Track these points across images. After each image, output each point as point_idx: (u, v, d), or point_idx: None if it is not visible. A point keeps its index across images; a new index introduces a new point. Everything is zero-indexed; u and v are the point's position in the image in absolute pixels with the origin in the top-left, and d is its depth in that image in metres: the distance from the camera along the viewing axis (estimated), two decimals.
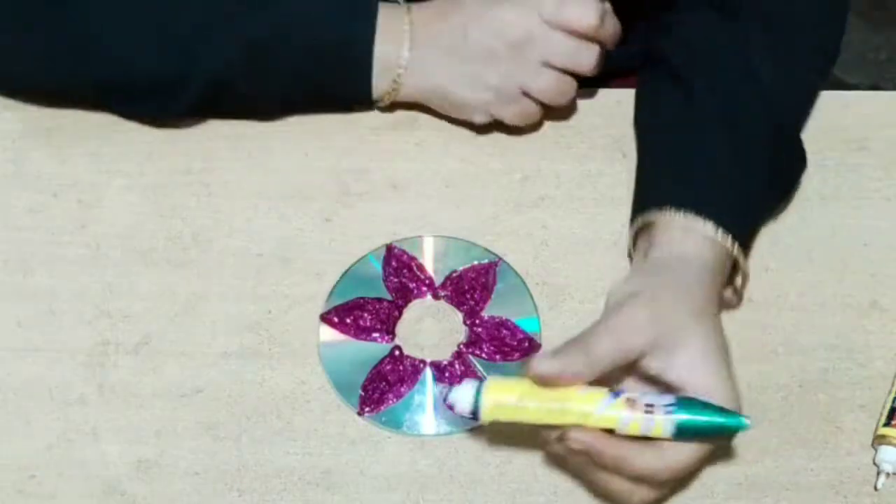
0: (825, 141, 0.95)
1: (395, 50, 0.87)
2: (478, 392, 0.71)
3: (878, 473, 0.80)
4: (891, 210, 0.92)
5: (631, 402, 0.70)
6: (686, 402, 0.71)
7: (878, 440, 0.81)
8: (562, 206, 0.91)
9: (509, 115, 0.90)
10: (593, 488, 0.77)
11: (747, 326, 0.86)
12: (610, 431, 0.71)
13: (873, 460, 0.81)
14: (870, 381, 0.84)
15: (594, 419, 0.69)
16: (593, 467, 0.73)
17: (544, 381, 0.70)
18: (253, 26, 0.86)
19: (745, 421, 0.71)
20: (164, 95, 0.88)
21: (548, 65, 0.87)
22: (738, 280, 0.82)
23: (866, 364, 0.85)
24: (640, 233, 0.83)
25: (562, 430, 0.71)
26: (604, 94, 0.96)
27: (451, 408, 0.72)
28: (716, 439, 0.72)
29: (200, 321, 0.85)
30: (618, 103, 0.95)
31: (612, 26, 0.87)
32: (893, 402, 0.82)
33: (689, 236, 0.79)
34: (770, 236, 0.90)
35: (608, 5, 0.87)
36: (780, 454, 0.81)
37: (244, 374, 0.83)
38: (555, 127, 0.94)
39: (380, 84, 0.89)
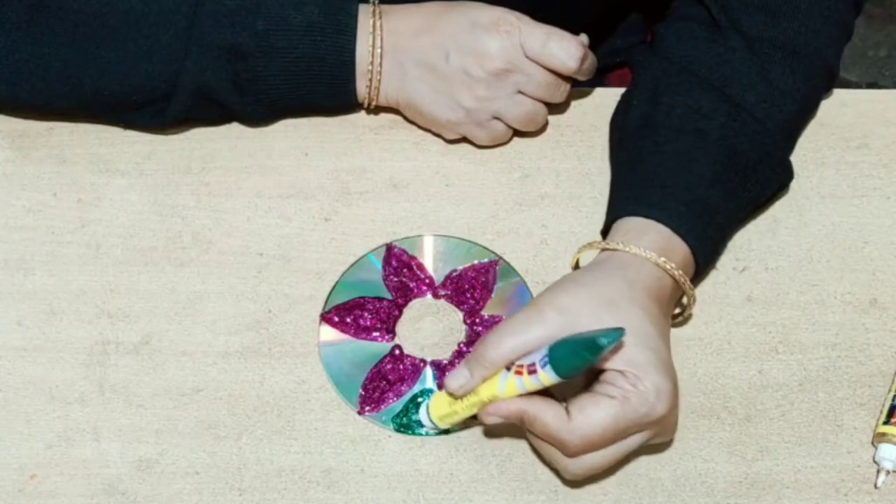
0: (824, 139, 0.95)
1: (371, 56, 0.88)
2: (427, 410, 0.80)
3: (879, 471, 0.80)
4: (890, 208, 0.92)
5: (519, 370, 0.74)
6: (556, 342, 0.73)
7: (878, 438, 0.81)
8: (561, 204, 0.91)
9: (479, 137, 0.91)
10: (542, 461, 0.80)
11: (747, 325, 0.86)
12: None
13: (873, 458, 0.81)
14: (870, 379, 0.84)
15: (500, 397, 0.76)
16: (530, 436, 0.78)
17: (459, 396, 0.77)
18: (236, 37, 0.86)
19: (604, 340, 0.71)
20: (151, 107, 0.88)
21: (522, 93, 0.88)
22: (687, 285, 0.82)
23: (866, 362, 0.85)
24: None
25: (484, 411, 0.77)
26: (603, 93, 0.96)
27: (411, 430, 0.82)
28: (594, 356, 0.72)
29: (200, 321, 0.85)
30: (617, 102, 0.94)
31: (590, 66, 0.88)
32: (893, 399, 0.82)
33: (622, 237, 0.81)
34: (770, 235, 0.90)
35: (585, 38, 0.88)
36: (781, 452, 0.81)
37: (244, 373, 0.83)
38: (555, 126, 0.94)
39: (359, 88, 0.89)
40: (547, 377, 0.73)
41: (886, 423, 0.81)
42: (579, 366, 0.72)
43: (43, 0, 0.86)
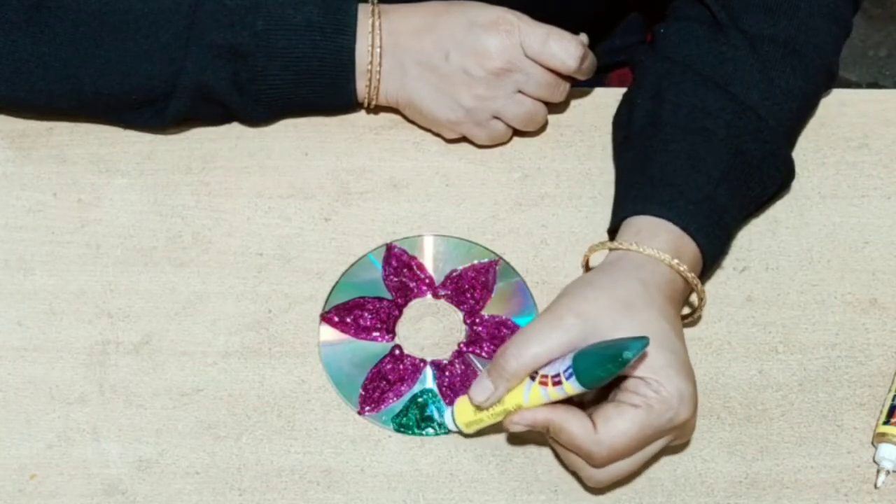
0: (825, 139, 0.95)
1: (371, 56, 0.88)
2: (453, 415, 0.80)
3: (878, 471, 0.80)
4: (890, 208, 0.92)
5: (543, 380, 0.75)
6: (580, 353, 0.73)
7: (878, 438, 0.81)
8: (561, 204, 0.91)
9: (479, 136, 0.91)
10: (565, 468, 0.80)
11: (747, 325, 0.86)
12: None
13: (873, 458, 0.81)
14: (870, 378, 0.84)
15: (525, 406, 0.76)
16: (554, 444, 0.78)
17: (484, 408, 0.77)
18: (235, 36, 0.86)
19: (629, 354, 0.71)
20: (151, 107, 0.88)
21: (522, 93, 0.88)
22: (697, 284, 0.81)
23: (866, 362, 0.85)
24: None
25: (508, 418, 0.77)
26: (603, 93, 0.96)
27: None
28: (619, 368, 0.72)
29: (200, 321, 0.85)
30: (617, 102, 0.94)
31: (589, 65, 0.88)
32: (893, 399, 0.82)
33: (634, 237, 0.81)
34: (770, 235, 0.90)
35: (585, 37, 0.88)
36: (781, 452, 0.81)
37: (244, 373, 0.83)
38: (555, 126, 0.94)
39: (359, 88, 0.89)
40: (572, 388, 0.73)
41: (886, 423, 0.81)
42: (604, 377, 0.72)
43: (43, 0, 0.87)
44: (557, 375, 0.73)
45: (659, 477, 0.80)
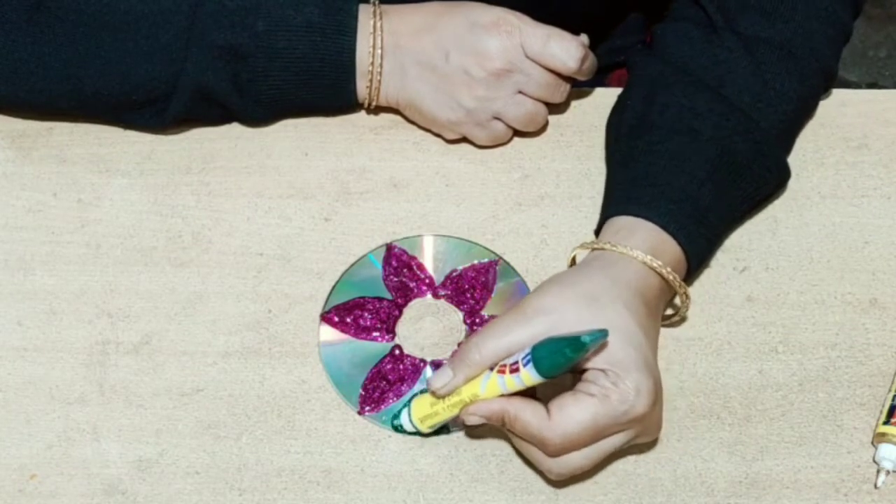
0: (824, 139, 0.95)
1: (372, 57, 0.88)
2: (409, 413, 0.80)
3: (879, 471, 0.80)
4: (890, 208, 0.92)
5: (501, 369, 0.75)
6: (540, 343, 0.73)
7: (878, 438, 0.81)
8: (561, 204, 0.91)
9: (479, 137, 0.91)
10: (526, 463, 0.80)
11: (747, 325, 0.86)
12: None
13: (873, 458, 0.81)
14: (870, 378, 0.84)
15: (482, 396, 0.76)
16: (511, 436, 0.77)
17: (441, 396, 0.77)
18: (236, 37, 0.86)
19: (587, 338, 0.71)
20: (151, 107, 0.88)
21: (522, 93, 0.88)
22: (679, 286, 0.81)
23: (866, 362, 0.85)
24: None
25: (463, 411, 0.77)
26: (603, 93, 0.96)
27: (403, 430, 0.81)
28: (575, 354, 0.72)
29: (200, 321, 0.85)
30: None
31: (590, 66, 0.88)
32: (893, 399, 0.82)
33: (612, 236, 0.81)
34: (770, 235, 0.90)
35: (586, 38, 0.88)
36: (781, 452, 0.81)
37: (244, 373, 0.83)
38: (555, 126, 0.94)
39: (359, 89, 0.89)
40: (529, 376, 0.73)
41: (886, 423, 0.81)
42: (561, 364, 0.72)
43: (43, 0, 0.87)
44: (515, 363, 0.74)
45: (659, 477, 0.80)
